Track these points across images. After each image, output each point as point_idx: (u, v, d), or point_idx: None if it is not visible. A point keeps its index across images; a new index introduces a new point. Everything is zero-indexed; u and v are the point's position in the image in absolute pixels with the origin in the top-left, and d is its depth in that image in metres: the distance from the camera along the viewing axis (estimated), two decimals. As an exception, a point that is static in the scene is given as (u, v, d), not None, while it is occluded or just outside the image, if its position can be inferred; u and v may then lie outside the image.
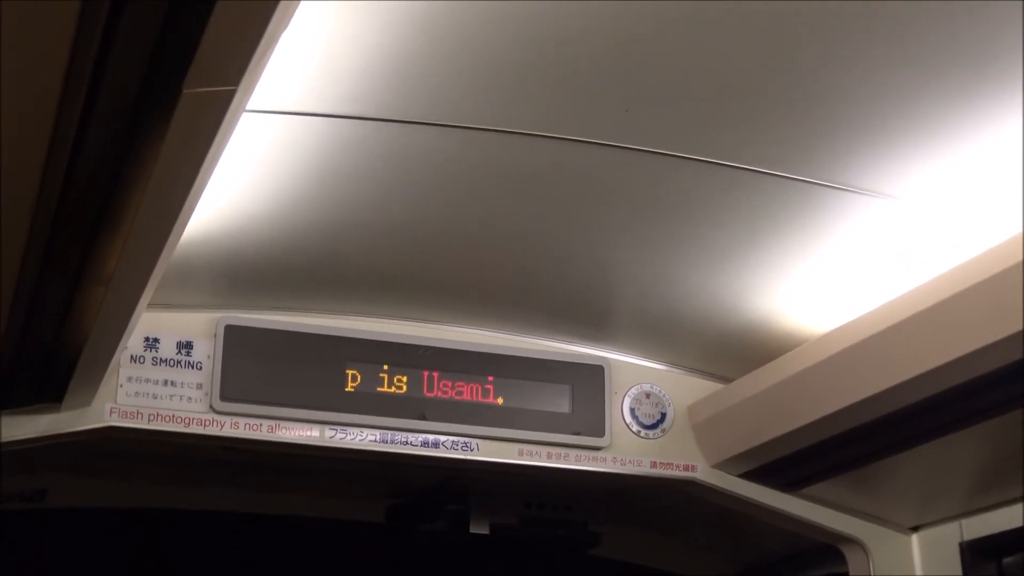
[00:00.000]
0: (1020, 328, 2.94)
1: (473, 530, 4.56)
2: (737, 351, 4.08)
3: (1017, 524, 3.93)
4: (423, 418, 4.04)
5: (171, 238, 2.66)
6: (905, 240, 3.36)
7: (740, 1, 2.52)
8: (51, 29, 1.92)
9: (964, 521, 4.13)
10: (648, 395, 4.30)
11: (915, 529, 4.35)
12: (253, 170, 3.15)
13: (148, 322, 3.80)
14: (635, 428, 4.26)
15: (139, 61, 2.04)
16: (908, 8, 2.51)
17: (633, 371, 4.31)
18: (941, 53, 2.65)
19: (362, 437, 4.01)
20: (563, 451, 4.17)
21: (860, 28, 2.59)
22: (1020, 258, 2.91)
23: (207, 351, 3.93)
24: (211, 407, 3.89)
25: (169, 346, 3.91)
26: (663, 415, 4.29)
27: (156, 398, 3.86)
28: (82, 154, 2.30)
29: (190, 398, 3.89)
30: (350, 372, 4.01)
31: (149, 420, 3.85)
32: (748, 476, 4.26)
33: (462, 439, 4.09)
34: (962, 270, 3.15)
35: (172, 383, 3.88)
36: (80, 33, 1.93)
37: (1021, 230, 3.02)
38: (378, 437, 4.02)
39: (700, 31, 2.64)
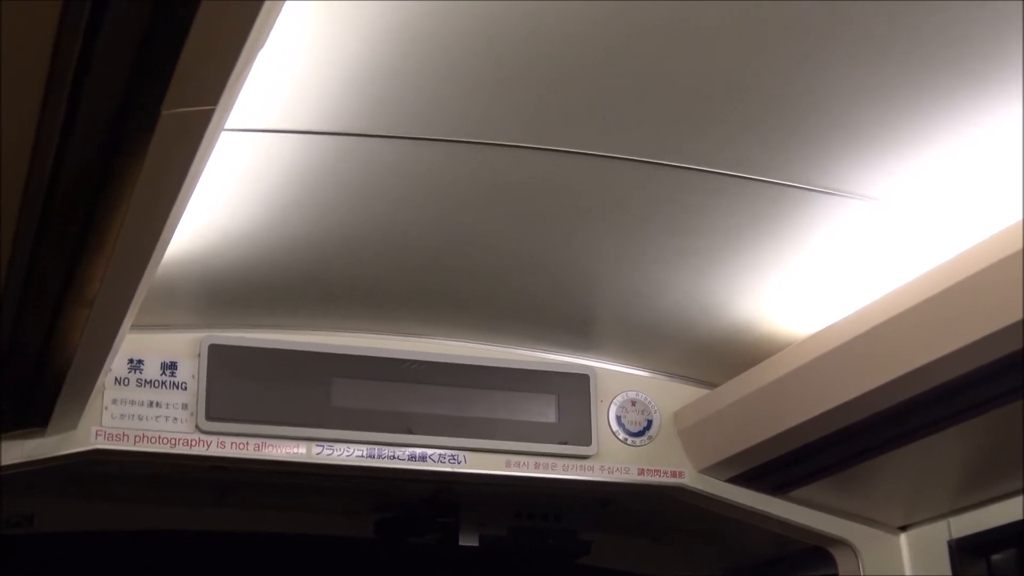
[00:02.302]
0: (1004, 325, 2.95)
1: (463, 542, 4.55)
2: (721, 356, 4.08)
3: (1005, 521, 3.94)
4: (410, 432, 4.04)
5: (153, 258, 2.66)
6: (886, 242, 3.37)
7: (718, 7, 2.52)
8: (28, 50, 1.92)
9: (952, 519, 4.14)
10: (634, 402, 4.30)
11: (903, 529, 4.36)
12: (233, 188, 3.15)
13: (132, 343, 3.79)
14: (622, 436, 4.26)
15: (117, 82, 2.04)
16: (885, 10, 2.51)
17: (618, 379, 4.32)
18: (919, 54, 2.66)
19: (349, 453, 4.00)
20: (550, 461, 4.18)
21: (837, 31, 2.60)
22: (1000, 257, 2.92)
23: (191, 371, 3.92)
24: (197, 427, 3.89)
25: (153, 367, 3.90)
26: (649, 422, 4.30)
27: (142, 419, 3.85)
28: (62, 176, 2.29)
29: (176, 419, 3.88)
30: (335, 388, 4.01)
31: (135, 442, 3.84)
32: (735, 481, 4.26)
33: (449, 452, 4.09)
34: (942, 271, 3.16)
35: (157, 404, 3.88)
36: (57, 54, 1.93)
37: (996, 228, 3.03)
38: (365, 452, 4.02)
39: (678, 39, 2.64)
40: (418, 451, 4.06)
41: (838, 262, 3.52)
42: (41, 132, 2.13)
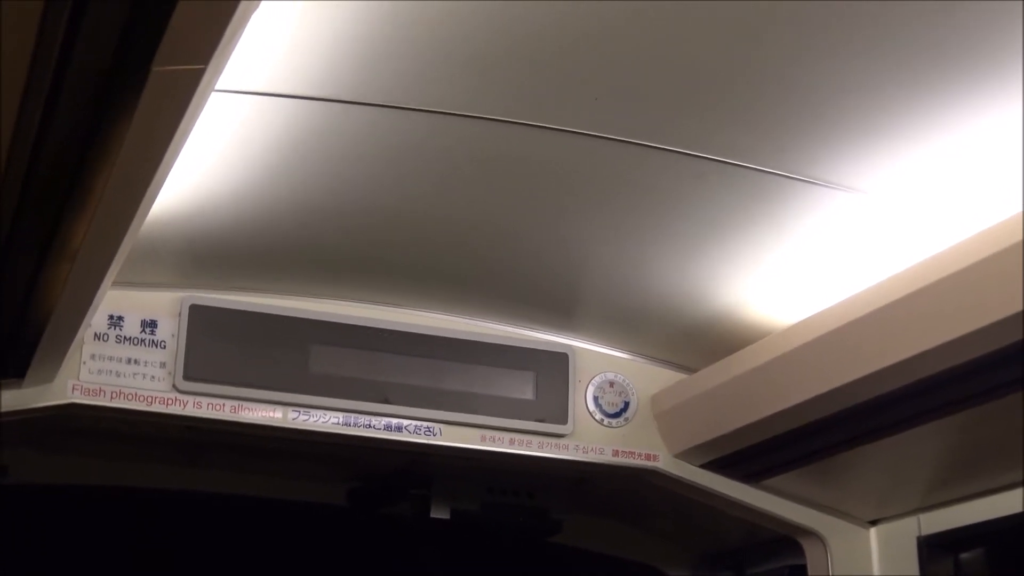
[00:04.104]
0: (984, 324, 2.95)
1: (434, 515, 4.56)
2: (702, 341, 4.09)
3: (975, 520, 3.96)
4: (386, 402, 4.04)
5: (138, 216, 2.66)
6: (871, 235, 3.37)
7: (712, -7, 2.53)
8: (19, 4, 1.91)
9: (922, 516, 4.15)
10: (612, 384, 4.30)
11: (874, 523, 4.37)
12: (221, 150, 3.15)
13: (113, 300, 3.79)
14: (598, 416, 4.26)
15: (108, 38, 2.04)
16: (878, 2, 2.52)
17: (598, 359, 4.32)
18: (911, 47, 2.66)
19: (325, 420, 4.00)
20: (526, 438, 4.18)
21: (831, 21, 2.60)
22: (982, 256, 2.93)
23: (171, 330, 3.92)
24: (174, 386, 3.88)
25: (133, 324, 3.90)
26: (626, 404, 4.30)
27: (119, 376, 3.85)
28: (50, 130, 2.29)
29: (153, 377, 3.88)
30: (314, 354, 4.01)
31: (112, 398, 3.84)
32: (709, 466, 4.27)
33: (425, 423, 4.09)
34: (924, 266, 3.17)
35: (136, 361, 3.87)
36: (49, 9, 1.92)
37: (982, 225, 3.03)
38: (341, 420, 4.02)
39: (672, 21, 2.64)
40: (394, 421, 4.06)
41: (823, 253, 3.52)
42: (30, 85, 2.13)
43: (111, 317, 3.87)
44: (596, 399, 4.27)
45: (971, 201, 3.15)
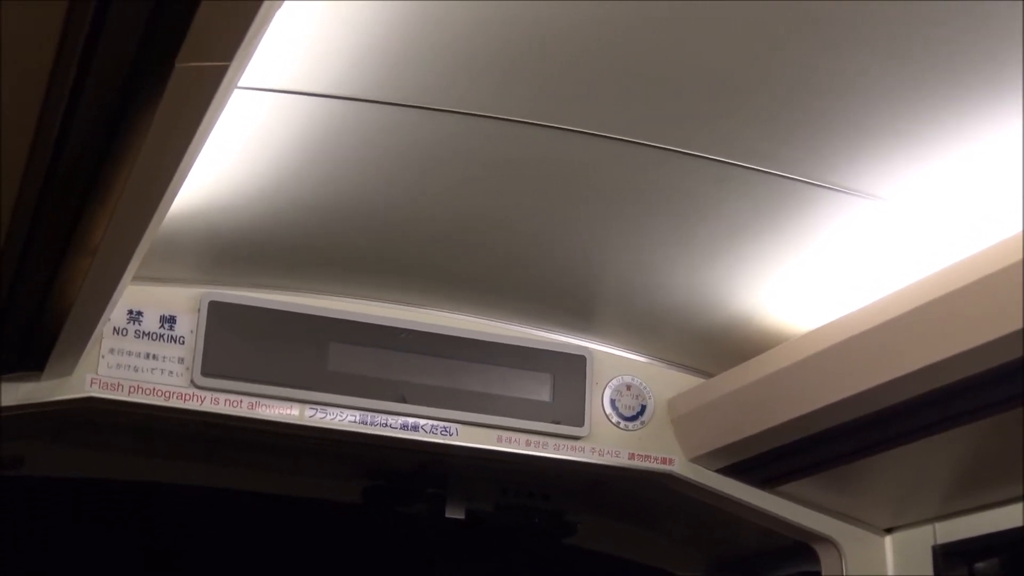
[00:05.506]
0: (1004, 333, 2.95)
1: (449, 515, 4.56)
2: (719, 346, 4.09)
3: (990, 529, 3.95)
4: (403, 401, 4.05)
5: (158, 211, 2.66)
6: (890, 242, 3.37)
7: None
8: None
9: (938, 524, 4.15)
10: (629, 387, 4.30)
11: (889, 531, 4.36)
12: (242, 147, 3.15)
13: (132, 295, 3.80)
14: (615, 419, 4.26)
15: (132, 33, 2.04)
16: (902, 10, 2.51)
17: (615, 362, 4.32)
18: (935, 56, 2.66)
19: (341, 418, 4.01)
20: (542, 439, 4.18)
21: (855, 27, 2.60)
22: (1004, 264, 2.92)
23: (190, 326, 3.92)
24: (192, 382, 3.89)
25: (152, 320, 3.90)
26: (643, 407, 4.30)
27: (137, 371, 3.86)
28: (72, 125, 2.30)
29: (171, 372, 3.89)
30: (332, 352, 4.01)
31: (129, 392, 3.85)
32: (725, 471, 4.27)
33: (441, 423, 4.09)
34: (946, 274, 3.16)
35: (154, 356, 3.88)
36: (74, 3, 1.93)
37: (1002, 235, 3.02)
38: (357, 418, 4.02)
39: (694, 26, 2.64)
40: (411, 420, 4.06)
41: (841, 260, 3.52)
42: (54, 80, 2.14)
43: (130, 312, 3.88)
44: (613, 402, 4.27)
45: (993, 210, 3.14)
